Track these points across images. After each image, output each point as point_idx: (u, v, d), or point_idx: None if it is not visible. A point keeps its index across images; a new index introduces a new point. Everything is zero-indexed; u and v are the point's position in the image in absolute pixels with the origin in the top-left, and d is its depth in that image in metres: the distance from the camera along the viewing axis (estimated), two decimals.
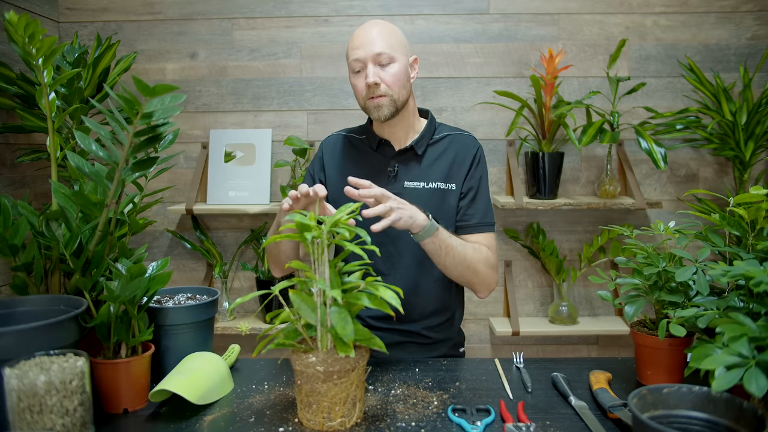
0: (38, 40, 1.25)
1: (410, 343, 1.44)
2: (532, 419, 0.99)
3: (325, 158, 1.50)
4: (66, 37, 2.19)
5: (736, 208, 1.03)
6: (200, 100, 2.24)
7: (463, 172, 1.43)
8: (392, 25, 1.39)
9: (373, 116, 1.38)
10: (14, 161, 1.90)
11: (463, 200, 1.43)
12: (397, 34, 1.38)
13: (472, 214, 1.43)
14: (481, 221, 1.44)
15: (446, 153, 1.44)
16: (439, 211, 1.39)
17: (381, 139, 1.45)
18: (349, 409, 0.96)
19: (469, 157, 1.44)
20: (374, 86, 1.33)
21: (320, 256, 0.94)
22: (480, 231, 1.43)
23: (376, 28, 1.36)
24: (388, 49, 1.34)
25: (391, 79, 1.34)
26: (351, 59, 1.37)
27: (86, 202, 1.08)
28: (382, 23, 1.38)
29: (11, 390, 0.83)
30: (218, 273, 2.20)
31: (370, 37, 1.34)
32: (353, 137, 1.51)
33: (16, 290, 1.13)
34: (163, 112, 1.05)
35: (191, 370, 1.08)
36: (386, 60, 1.34)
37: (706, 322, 0.94)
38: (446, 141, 1.45)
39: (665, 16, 2.16)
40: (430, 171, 1.42)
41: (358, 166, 1.46)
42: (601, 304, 2.28)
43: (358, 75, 1.37)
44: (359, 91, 1.38)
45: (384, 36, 1.35)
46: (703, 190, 1.24)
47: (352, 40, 1.38)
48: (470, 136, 1.47)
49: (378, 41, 1.34)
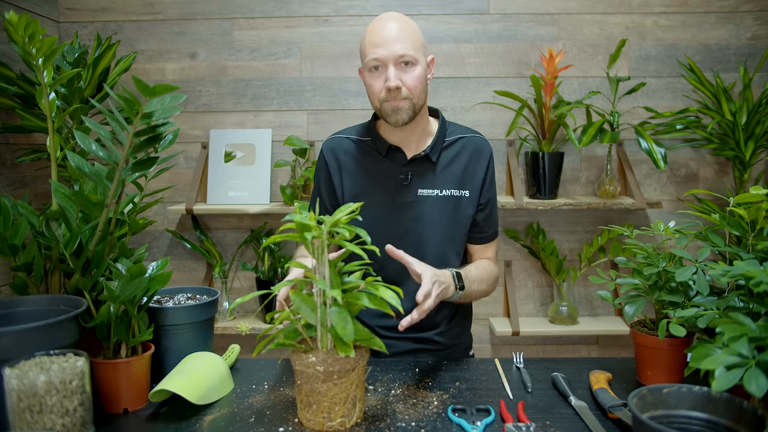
0: (38, 40, 1.25)
1: (423, 350, 1.41)
2: (532, 419, 0.99)
3: (330, 167, 1.41)
4: (66, 37, 2.19)
5: (736, 208, 1.03)
6: (200, 100, 2.24)
7: (477, 179, 1.39)
8: (412, 22, 1.31)
9: (390, 120, 1.30)
10: (14, 161, 1.90)
11: (480, 213, 1.40)
12: (417, 32, 1.30)
13: (489, 227, 1.42)
14: (494, 231, 1.44)
15: (459, 157, 1.39)
16: (452, 219, 1.38)
17: (391, 145, 1.37)
18: (349, 409, 0.96)
19: (482, 164, 1.39)
20: (395, 90, 1.25)
21: (320, 256, 0.94)
22: (492, 240, 1.45)
23: (396, 24, 1.27)
24: (412, 51, 1.26)
25: (412, 82, 1.27)
26: (369, 57, 1.27)
27: (86, 202, 1.08)
28: (401, 18, 1.29)
29: (11, 390, 0.83)
30: (218, 273, 2.20)
31: (392, 35, 1.25)
32: (356, 139, 1.42)
33: (16, 290, 1.13)
34: (163, 112, 1.05)
35: (191, 370, 1.08)
36: (409, 60, 1.26)
37: (706, 322, 0.94)
38: (459, 144, 1.40)
39: (665, 16, 2.16)
40: (443, 177, 1.37)
41: (368, 172, 1.39)
42: (601, 304, 2.28)
43: (376, 74, 1.28)
44: (375, 92, 1.29)
45: (407, 35, 1.26)
46: (703, 190, 1.24)
47: (370, 35, 1.28)
48: (482, 139, 1.42)
49: (401, 41, 1.25)
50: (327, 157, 1.42)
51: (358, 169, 1.40)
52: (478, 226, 1.41)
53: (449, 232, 1.38)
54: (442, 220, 1.37)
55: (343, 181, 1.40)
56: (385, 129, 1.39)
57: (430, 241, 1.36)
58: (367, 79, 1.31)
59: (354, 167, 1.40)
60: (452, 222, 1.37)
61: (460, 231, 1.39)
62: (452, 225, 1.38)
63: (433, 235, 1.37)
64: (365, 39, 1.29)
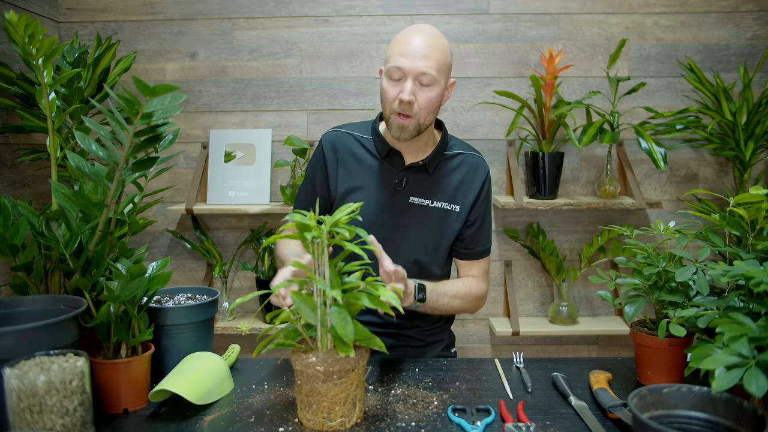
0: (38, 40, 1.25)
1: (403, 346, 1.43)
2: (532, 419, 0.99)
3: (327, 157, 1.41)
4: (66, 37, 2.19)
5: (736, 208, 1.03)
6: (200, 100, 2.24)
7: (470, 196, 1.39)
8: (444, 40, 1.29)
9: (393, 134, 1.31)
10: (14, 161, 1.90)
11: (468, 229, 1.41)
12: (446, 53, 1.29)
13: (475, 244, 1.43)
14: (482, 249, 1.44)
15: (456, 172, 1.40)
16: (439, 231, 1.39)
17: (392, 148, 1.38)
18: (349, 409, 0.96)
19: (477, 182, 1.40)
20: (407, 104, 1.26)
21: (320, 256, 0.94)
22: (479, 258, 1.45)
23: (428, 40, 1.26)
24: (435, 72, 1.25)
25: (425, 102, 1.27)
26: (391, 64, 1.26)
27: (86, 202, 1.08)
28: (435, 36, 1.28)
29: (11, 390, 0.83)
30: (218, 273, 2.20)
31: (420, 50, 1.24)
32: (357, 136, 1.42)
33: (16, 290, 1.13)
34: (163, 112, 1.05)
35: (191, 370, 1.08)
36: (428, 81, 1.26)
37: (706, 322, 0.94)
38: (458, 160, 1.41)
39: (665, 16, 2.16)
40: (437, 188, 1.38)
41: (364, 170, 1.40)
42: (601, 304, 2.28)
43: (394, 82, 1.28)
44: (388, 99, 1.29)
45: (435, 54, 1.25)
46: (703, 190, 1.24)
47: (400, 42, 1.27)
48: (481, 158, 1.43)
49: (427, 59, 1.24)
50: (326, 149, 1.42)
51: (355, 165, 1.40)
52: (464, 242, 1.42)
53: (432, 243, 1.39)
54: (427, 230, 1.38)
55: (338, 174, 1.40)
56: (388, 132, 1.39)
57: (410, 250, 1.37)
58: (384, 83, 1.30)
59: (351, 163, 1.41)
60: (437, 233, 1.38)
61: (444, 244, 1.40)
62: (437, 236, 1.39)
63: (415, 245, 1.38)
64: (394, 43, 1.29)
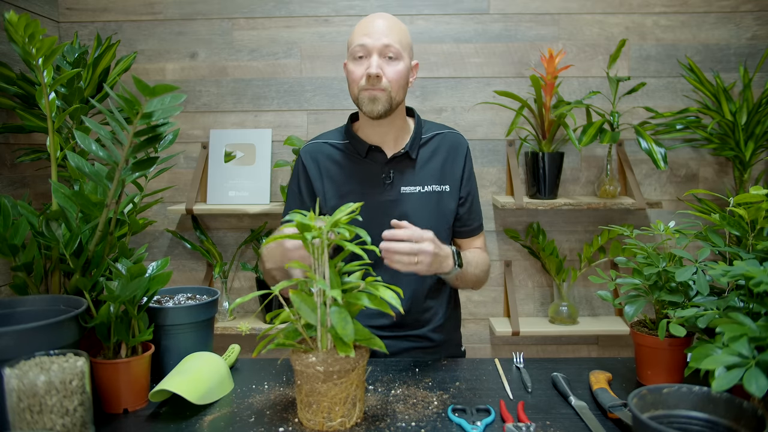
0: (38, 40, 1.25)
1: (417, 348, 1.42)
2: (532, 419, 0.99)
3: (310, 171, 1.40)
4: (66, 37, 2.19)
5: (736, 208, 1.03)
6: (200, 100, 2.24)
7: (456, 173, 1.41)
8: (403, 24, 1.35)
9: (365, 109, 1.31)
10: (14, 161, 1.90)
11: (462, 207, 1.43)
12: (406, 34, 1.34)
13: (472, 220, 1.45)
14: (478, 224, 1.47)
15: (437, 153, 1.41)
16: (435, 214, 1.39)
17: (371, 145, 1.38)
18: (349, 409, 0.96)
19: (460, 158, 1.42)
20: (375, 78, 1.27)
21: (320, 256, 0.94)
22: (478, 233, 1.48)
23: (387, 21, 1.31)
24: (398, 45, 1.29)
25: (394, 75, 1.29)
26: (355, 44, 1.30)
27: (86, 202, 1.08)
28: (393, 18, 1.33)
29: (11, 390, 0.83)
30: (218, 273, 2.20)
31: (381, 27, 1.29)
32: (334, 143, 1.43)
33: (16, 290, 1.13)
34: (163, 112, 1.05)
35: (191, 370, 1.08)
36: (393, 53, 1.28)
37: (706, 322, 0.94)
38: (436, 140, 1.43)
39: (665, 16, 2.16)
40: (423, 174, 1.39)
41: (350, 174, 1.39)
42: (601, 304, 2.28)
43: (359, 62, 1.30)
44: (355, 79, 1.31)
45: (395, 31, 1.30)
46: (703, 190, 1.24)
47: (359, 26, 1.32)
48: (458, 134, 1.46)
49: (388, 35, 1.28)
50: (307, 163, 1.42)
51: (340, 172, 1.40)
52: (461, 220, 1.44)
53: (434, 227, 1.38)
54: (427, 216, 1.38)
55: (324, 186, 1.40)
56: (364, 130, 1.40)
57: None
58: (349, 67, 1.33)
59: (335, 171, 1.40)
60: (436, 217, 1.39)
61: (445, 225, 1.41)
62: (436, 220, 1.39)
63: None
64: (355, 31, 1.33)
